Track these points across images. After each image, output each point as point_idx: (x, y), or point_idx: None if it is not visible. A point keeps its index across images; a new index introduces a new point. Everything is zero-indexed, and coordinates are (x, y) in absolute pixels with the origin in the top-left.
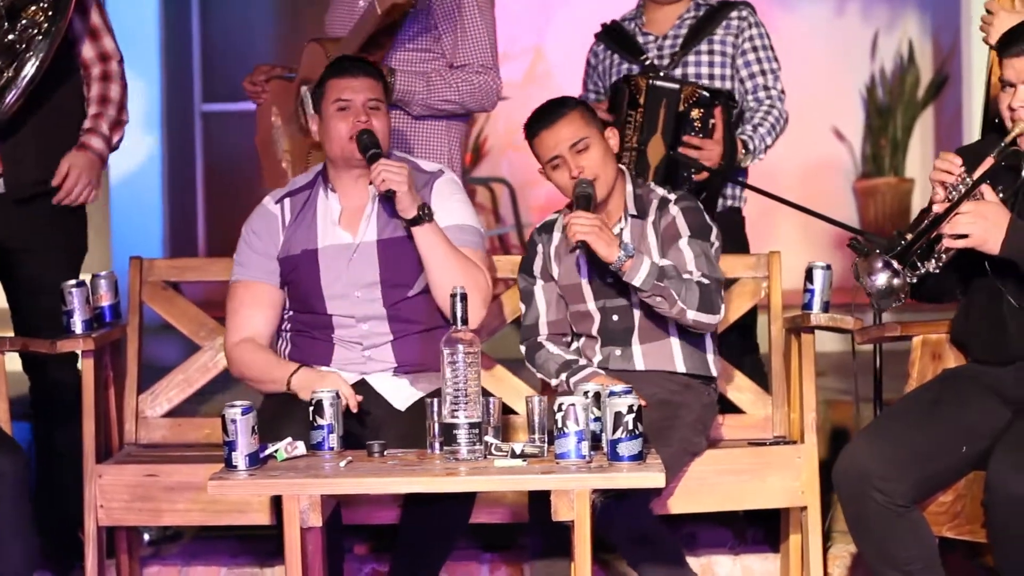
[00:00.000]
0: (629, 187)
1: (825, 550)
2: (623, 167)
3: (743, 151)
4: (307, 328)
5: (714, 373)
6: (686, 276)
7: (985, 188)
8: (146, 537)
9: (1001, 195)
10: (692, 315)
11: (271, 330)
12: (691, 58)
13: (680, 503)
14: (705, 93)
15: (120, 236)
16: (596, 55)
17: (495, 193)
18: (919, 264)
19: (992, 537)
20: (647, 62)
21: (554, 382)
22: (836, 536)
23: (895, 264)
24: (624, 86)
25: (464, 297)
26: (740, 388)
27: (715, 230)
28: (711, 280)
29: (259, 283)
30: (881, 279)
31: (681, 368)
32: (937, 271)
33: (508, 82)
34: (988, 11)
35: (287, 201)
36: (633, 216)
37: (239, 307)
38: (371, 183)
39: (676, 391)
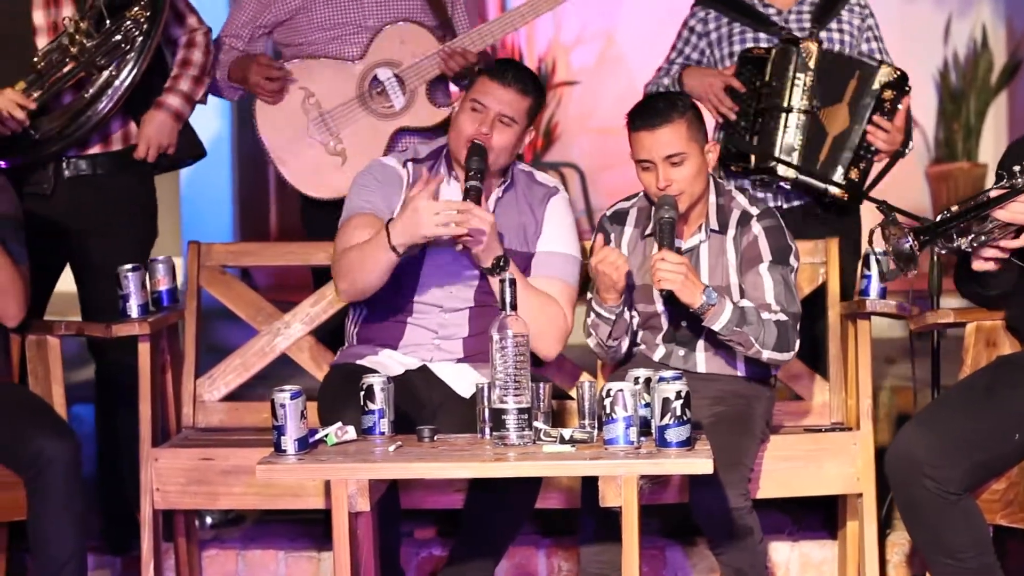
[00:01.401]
0: (712, 197)
1: (884, 537)
2: (712, 175)
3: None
4: (382, 307)
5: (774, 373)
6: (765, 316)
7: None
8: (208, 520)
9: None
10: (767, 355)
11: None
12: (824, 35)
13: None
14: (899, 73)
15: (190, 220)
16: (704, 22)
17: (565, 178)
18: (955, 237)
19: None
20: (783, 32)
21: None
22: (896, 523)
23: (911, 240)
24: (793, 48)
25: (513, 283)
26: (798, 374)
27: (794, 249)
28: (789, 316)
29: (374, 216)
30: (904, 246)
31: (741, 372)
32: (969, 250)
33: (580, 67)
34: None
35: (411, 165)
36: (714, 231)
37: (351, 237)
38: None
39: (741, 387)
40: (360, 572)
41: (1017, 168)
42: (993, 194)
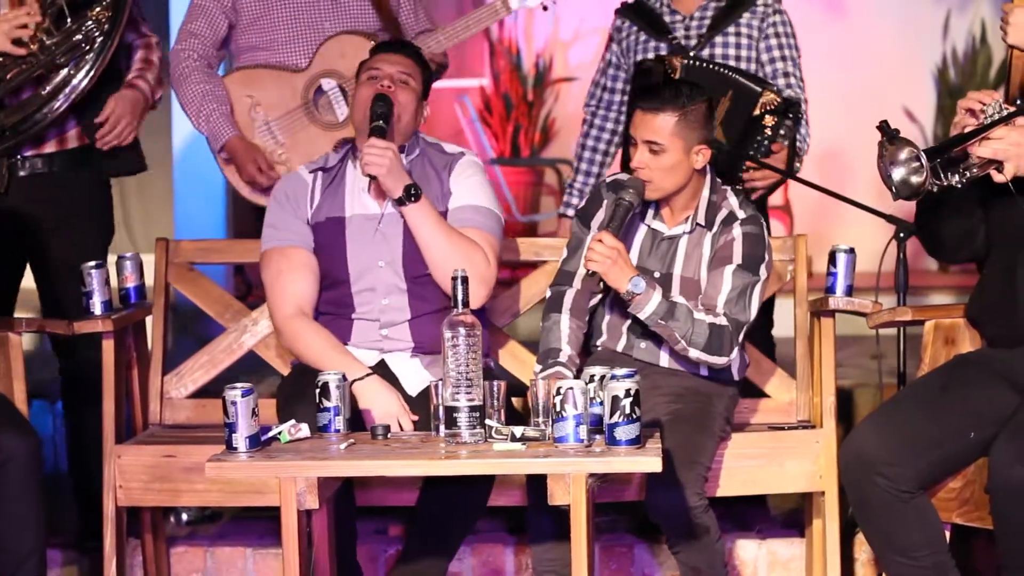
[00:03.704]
0: (706, 192)
1: (853, 534)
2: (711, 172)
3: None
4: (329, 307)
5: (736, 378)
6: (700, 316)
7: (1021, 120)
8: (184, 517)
9: None
10: (695, 354)
11: (315, 295)
12: (719, 39)
13: None
14: (780, 100)
15: (183, 216)
16: (619, 30)
17: (562, 174)
18: (942, 175)
19: (995, 524)
20: (674, 41)
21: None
22: None
23: (923, 159)
24: (658, 65)
25: (465, 280)
26: (765, 372)
27: (768, 259)
28: (730, 322)
29: (294, 248)
30: (902, 171)
31: (704, 372)
32: (960, 186)
33: (578, 63)
34: (1005, 11)
35: (320, 174)
36: (699, 225)
37: (278, 275)
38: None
39: (702, 384)
40: (316, 570)
41: (988, 103)
42: (968, 130)
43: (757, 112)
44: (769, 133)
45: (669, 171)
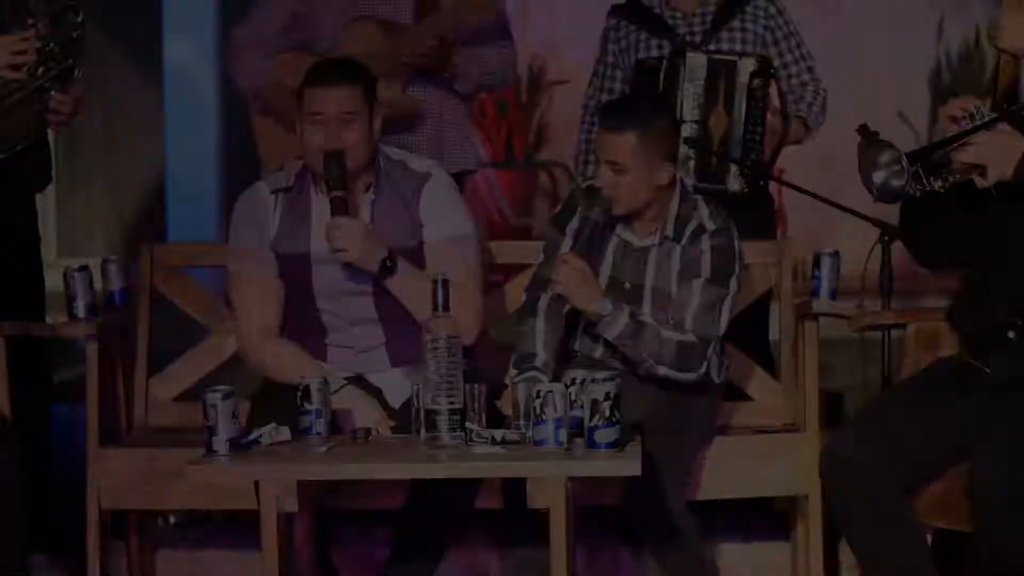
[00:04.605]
0: (675, 204)
1: (838, 538)
2: (682, 182)
3: (804, 129)
4: (299, 331)
5: (717, 380)
6: (667, 335)
7: (1003, 126)
8: (172, 520)
9: None
10: (663, 371)
11: (280, 318)
12: (724, 35)
13: None
14: (762, 59)
15: (176, 221)
16: (616, 29)
17: (555, 177)
18: (924, 179)
19: (976, 528)
20: (677, 39)
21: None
22: None
23: (904, 161)
24: (680, 59)
25: (445, 283)
26: (750, 375)
27: (739, 270)
28: (699, 339)
29: (258, 272)
30: (883, 174)
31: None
32: (942, 190)
33: (572, 66)
34: (995, 15)
35: (280, 196)
36: (667, 237)
37: (244, 298)
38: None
39: (683, 388)
40: (295, 572)
41: (973, 110)
42: (950, 135)
43: (744, 79)
44: (761, 95)
45: (632, 190)
